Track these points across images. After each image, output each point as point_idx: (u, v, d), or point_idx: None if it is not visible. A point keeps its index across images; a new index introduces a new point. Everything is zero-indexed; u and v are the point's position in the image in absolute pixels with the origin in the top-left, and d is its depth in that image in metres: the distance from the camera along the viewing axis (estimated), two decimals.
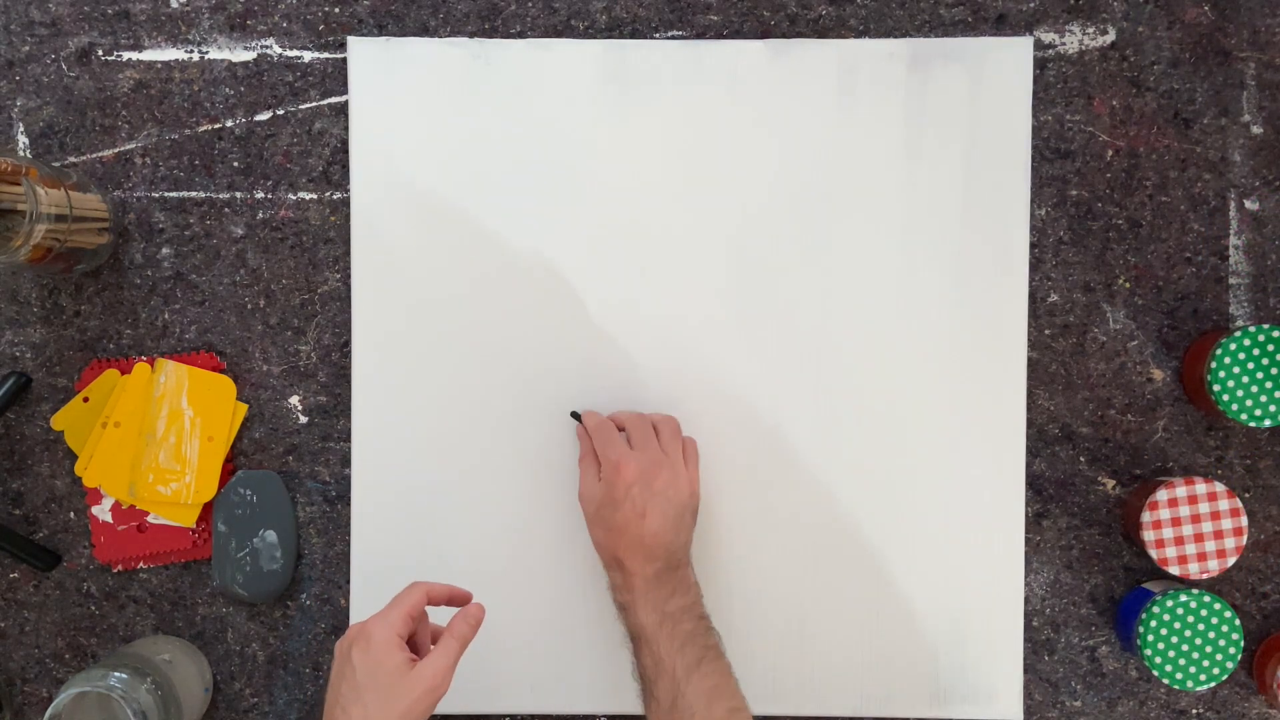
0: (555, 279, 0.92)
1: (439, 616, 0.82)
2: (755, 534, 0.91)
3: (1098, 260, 0.92)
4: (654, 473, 0.84)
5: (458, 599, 0.82)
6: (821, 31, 0.92)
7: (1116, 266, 0.91)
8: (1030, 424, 0.91)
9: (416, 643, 0.81)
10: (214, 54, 0.92)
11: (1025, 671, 0.92)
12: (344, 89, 0.92)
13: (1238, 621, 0.85)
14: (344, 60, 0.92)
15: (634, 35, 0.92)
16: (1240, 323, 0.91)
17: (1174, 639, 0.86)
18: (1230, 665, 0.86)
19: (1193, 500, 0.86)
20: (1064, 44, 0.91)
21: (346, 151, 0.92)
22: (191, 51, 0.92)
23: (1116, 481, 0.92)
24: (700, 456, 0.90)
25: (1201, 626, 0.85)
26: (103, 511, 0.92)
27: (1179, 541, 0.86)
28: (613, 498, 0.84)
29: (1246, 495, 0.91)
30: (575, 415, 0.91)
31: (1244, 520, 0.86)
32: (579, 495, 0.88)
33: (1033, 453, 0.92)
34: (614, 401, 0.91)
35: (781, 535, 0.91)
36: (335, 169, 0.92)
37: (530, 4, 0.92)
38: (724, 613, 0.90)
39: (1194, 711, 0.91)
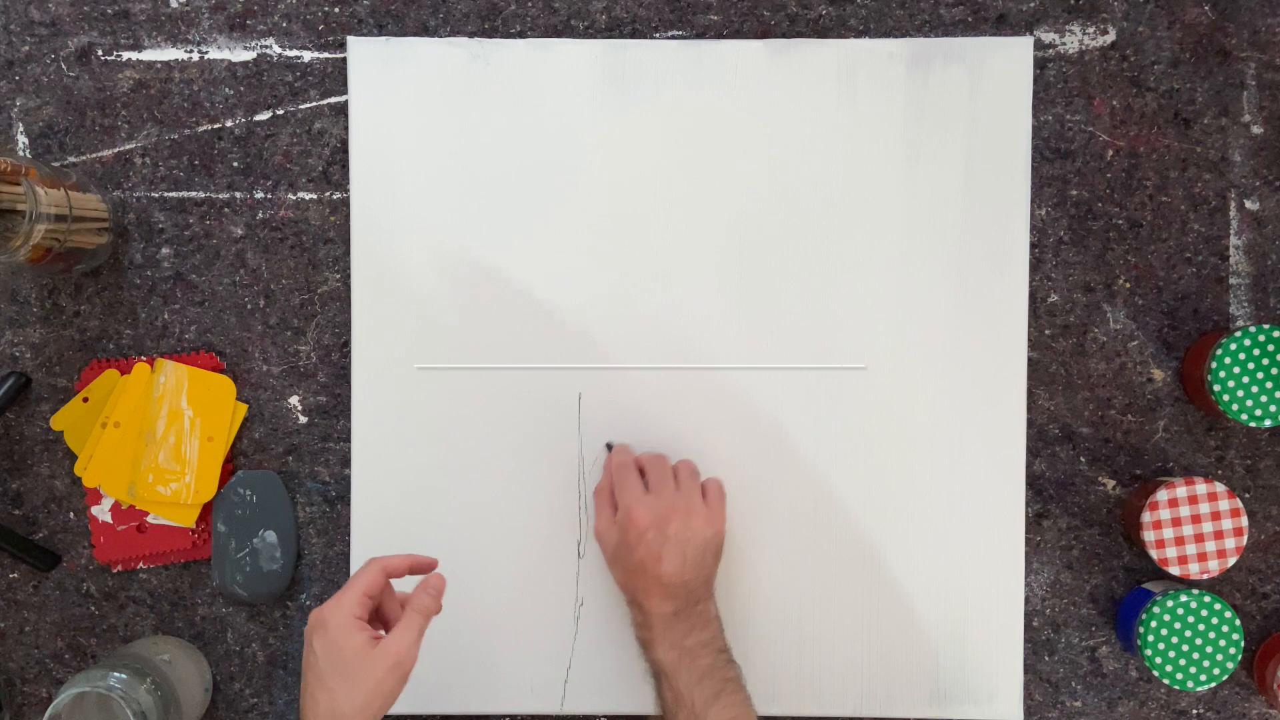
0: (555, 279, 0.92)
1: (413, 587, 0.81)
2: (755, 534, 0.91)
3: (1098, 260, 0.91)
4: (668, 517, 0.84)
5: (420, 567, 0.82)
6: (821, 31, 0.92)
7: (1116, 266, 0.91)
8: (1030, 424, 0.91)
9: (385, 617, 0.81)
10: (214, 54, 0.92)
11: (1025, 671, 0.92)
12: (344, 89, 0.92)
13: (1238, 622, 0.85)
14: (344, 60, 0.92)
15: (634, 35, 0.92)
16: (1240, 323, 0.91)
17: (1174, 639, 0.86)
18: (1230, 665, 0.86)
19: (1193, 500, 0.86)
20: (1064, 44, 0.91)
21: (346, 151, 0.92)
22: (191, 51, 0.92)
23: (1116, 481, 0.92)
24: (700, 462, 0.90)
25: (1201, 627, 0.85)
26: (102, 512, 0.92)
27: (1179, 542, 0.86)
28: (627, 542, 0.84)
29: (1246, 495, 0.91)
30: (609, 446, 0.91)
31: (1244, 520, 0.86)
32: (594, 530, 0.89)
33: (1033, 453, 0.92)
34: (612, 402, 0.91)
35: (781, 535, 0.91)
36: (335, 169, 0.92)
37: (530, 4, 0.92)
38: (723, 612, 0.89)
39: (1194, 712, 0.91)
